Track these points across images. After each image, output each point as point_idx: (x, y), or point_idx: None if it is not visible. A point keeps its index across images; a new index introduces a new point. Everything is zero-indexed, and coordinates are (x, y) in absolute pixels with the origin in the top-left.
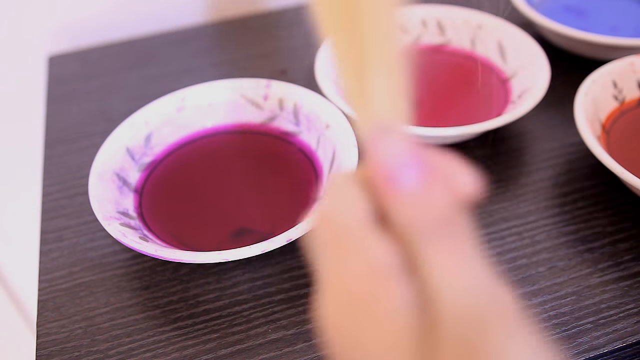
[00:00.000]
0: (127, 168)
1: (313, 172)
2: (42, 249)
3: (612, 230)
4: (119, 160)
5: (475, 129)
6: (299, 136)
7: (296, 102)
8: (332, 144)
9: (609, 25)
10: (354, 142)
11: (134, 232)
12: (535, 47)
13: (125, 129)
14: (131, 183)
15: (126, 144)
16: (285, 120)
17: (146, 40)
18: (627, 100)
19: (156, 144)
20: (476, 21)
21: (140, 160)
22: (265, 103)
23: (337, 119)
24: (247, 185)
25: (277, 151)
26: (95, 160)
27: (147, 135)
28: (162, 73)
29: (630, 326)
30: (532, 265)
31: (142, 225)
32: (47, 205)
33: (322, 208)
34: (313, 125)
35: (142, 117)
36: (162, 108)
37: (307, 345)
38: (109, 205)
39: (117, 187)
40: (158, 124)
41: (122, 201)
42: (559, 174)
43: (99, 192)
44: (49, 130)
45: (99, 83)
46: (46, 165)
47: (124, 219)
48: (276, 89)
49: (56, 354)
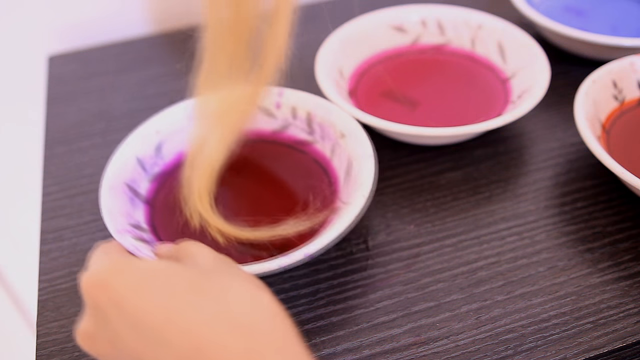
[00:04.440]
0: (138, 179)
1: (327, 182)
2: (42, 249)
3: (612, 230)
4: (130, 171)
5: (475, 129)
6: (312, 145)
7: (310, 111)
8: (347, 153)
9: (609, 25)
10: (370, 152)
11: (147, 247)
12: (535, 47)
13: (135, 139)
14: (142, 194)
15: (136, 154)
16: (299, 129)
17: (146, 40)
18: (627, 100)
19: (167, 153)
20: (476, 21)
21: (150, 171)
22: (277, 111)
23: (352, 128)
24: (260, 196)
25: (290, 160)
26: (105, 172)
27: (157, 144)
28: (162, 73)
29: (630, 326)
30: (532, 265)
31: (154, 238)
32: (47, 205)
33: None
34: (327, 135)
35: (153, 126)
36: (172, 116)
37: (307, 345)
38: (120, 218)
39: (129, 198)
40: (169, 133)
41: (133, 213)
42: (559, 174)
43: (111, 205)
44: (49, 130)
45: (99, 83)
46: (46, 165)
47: (136, 232)
48: (289, 97)
49: (56, 354)
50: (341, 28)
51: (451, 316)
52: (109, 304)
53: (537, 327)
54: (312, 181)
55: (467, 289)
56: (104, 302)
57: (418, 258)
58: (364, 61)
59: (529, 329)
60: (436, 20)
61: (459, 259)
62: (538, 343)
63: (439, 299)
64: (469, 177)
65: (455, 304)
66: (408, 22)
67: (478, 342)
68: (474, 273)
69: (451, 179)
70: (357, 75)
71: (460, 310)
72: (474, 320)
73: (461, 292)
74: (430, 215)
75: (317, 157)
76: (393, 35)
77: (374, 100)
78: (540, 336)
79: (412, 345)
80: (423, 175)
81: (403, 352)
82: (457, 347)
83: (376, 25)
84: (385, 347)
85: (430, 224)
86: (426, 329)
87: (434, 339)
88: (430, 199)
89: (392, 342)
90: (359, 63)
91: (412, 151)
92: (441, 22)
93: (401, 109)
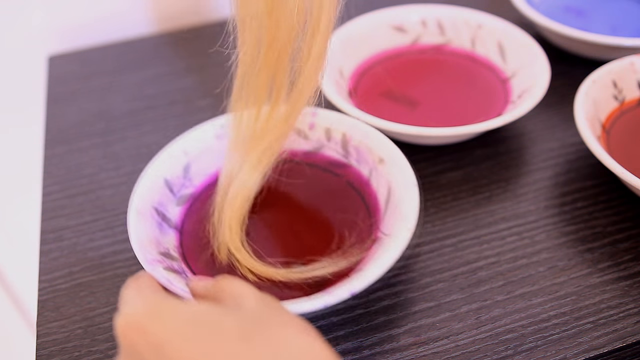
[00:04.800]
0: (166, 202)
1: (365, 208)
2: (42, 249)
3: (612, 230)
4: (158, 194)
5: (475, 129)
6: (348, 168)
7: (345, 133)
8: (386, 180)
9: (609, 25)
10: (414, 180)
11: (179, 278)
12: (535, 47)
13: (162, 159)
14: (170, 219)
15: (164, 176)
16: (333, 151)
17: (146, 40)
18: (627, 100)
19: (195, 174)
20: (476, 21)
21: (179, 193)
22: (310, 132)
23: (391, 153)
24: (293, 229)
25: (324, 183)
26: (133, 195)
27: (185, 165)
28: (162, 73)
29: (630, 326)
30: (532, 265)
31: (184, 268)
32: (47, 205)
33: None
34: (363, 159)
35: (180, 146)
36: (200, 136)
37: None
38: (149, 245)
39: (157, 223)
40: (197, 153)
41: (162, 240)
42: (559, 174)
43: (140, 231)
44: (49, 130)
45: (99, 83)
46: (46, 165)
47: (166, 261)
48: (323, 118)
49: (56, 354)
50: (341, 28)
51: (451, 316)
52: (147, 347)
53: (537, 327)
54: (348, 208)
55: (467, 289)
56: (142, 345)
57: (418, 258)
58: (364, 61)
59: (529, 329)
60: (436, 20)
61: (459, 259)
62: (538, 343)
63: (439, 299)
64: (469, 177)
65: (455, 304)
66: (408, 22)
67: (478, 342)
68: (474, 273)
69: (451, 178)
70: (357, 75)
71: (460, 310)
72: (474, 320)
73: (461, 292)
74: (430, 215)
75: (353, 180)
76: (393, 35)
77: (374, 100)
78: (540, 336)
79: (412, 345)
80: (423, 175)
81: (403, 352)
82: (457, 347)
83: (376, 25)
84: (385, 347)
85: (430, 224)
86: (426, 329)
87: (434, 339)
88: (430, 199)
89: (392, 342)
90: (359, 63)
91: (412, 151)
92: (441, 22)
93: (401, 109)
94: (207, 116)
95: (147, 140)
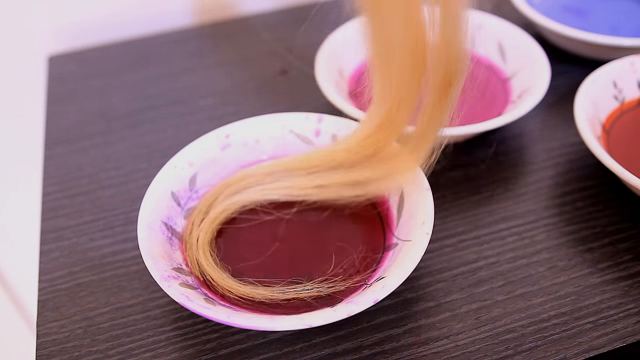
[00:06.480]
0: (174, 215)
1: (378, 217)
2: (42, 249)
3: (612, 230)
4: (165, 207)
5: (475, 129)
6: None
7: None
8: (398, 185)
9: (609, 25)
10: (427, 185)
11: (196, 293)
12: (535, 47)
13: (168, 171)
14: (179, 232)
15: (170, 188)
16: None
17: (146, 40)
18: (627, 100)
19: (201, 186)
20: (476, 21)
21: (185, 206)
22: (316, 139)
23: None
24: (304, 232)
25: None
26: (141, 210)
27: (191, 177)
28: (162, 73)
29: (630, 326)
30: (532, 265)
31: (197, 282)
32: (47, 205)
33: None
34: None
35: (185, 157)
36: (205, 146)
37: (307, 345)
38: (162, 261)
39: (167, 238)
40: (202, 164)
41: (173, 255)
42: (559, 174)
43: (152, 247)
44: (49, 130)
45: (99, 83)
46: (46, 165)
47: (181, 277)
48: (329, 124)
49: (56, 354)
50: (341, 28)
51: (451, 316)
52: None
53: (537, 327)
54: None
55: (467, 289)
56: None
57: None
58: (364, 61)
59: (529, 329)
60: None
61: (459, 259)
62: (538, 343)
63: (439, 299)
64: (469, 177)
65: (455, 304)
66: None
67: (478, 342)
68: (474, 273)
69: (451, 178)
70: (357, 75)
71: (460, 310)
72: (474, 320)
73: (461, 292)
74: None
75: None
76: None
77: None
78: (540, 336)
79: (412, 345)
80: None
81: (403, 352)
82: (457, 347)
83: None
84: (385, 347)
85: None
86: (426, 329)
87: (434, 339)
88: None
89: (392, 342)
90: (359, 63)
91: None
92: None
93: None
94: (207, 116)
95: (147, 140)
